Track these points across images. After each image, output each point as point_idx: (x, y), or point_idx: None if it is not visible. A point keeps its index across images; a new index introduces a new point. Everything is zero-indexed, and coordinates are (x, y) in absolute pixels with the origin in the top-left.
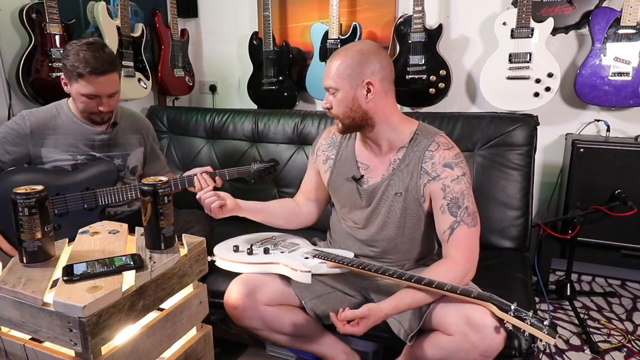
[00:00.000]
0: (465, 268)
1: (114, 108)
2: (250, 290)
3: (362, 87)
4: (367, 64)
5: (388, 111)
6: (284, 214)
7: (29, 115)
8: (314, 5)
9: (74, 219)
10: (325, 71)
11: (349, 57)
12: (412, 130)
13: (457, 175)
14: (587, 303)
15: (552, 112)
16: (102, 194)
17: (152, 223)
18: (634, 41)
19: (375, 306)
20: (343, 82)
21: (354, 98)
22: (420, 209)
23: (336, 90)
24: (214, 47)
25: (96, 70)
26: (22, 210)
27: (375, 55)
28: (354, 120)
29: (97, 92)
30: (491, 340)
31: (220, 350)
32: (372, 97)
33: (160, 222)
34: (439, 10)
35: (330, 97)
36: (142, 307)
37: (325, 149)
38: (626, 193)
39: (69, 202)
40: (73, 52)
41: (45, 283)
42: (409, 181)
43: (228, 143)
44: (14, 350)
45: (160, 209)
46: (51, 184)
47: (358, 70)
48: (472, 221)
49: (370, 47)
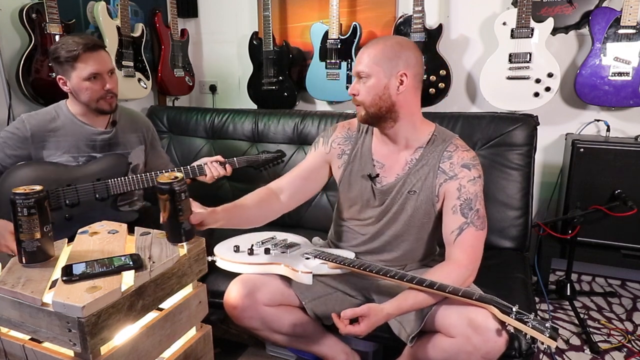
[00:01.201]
0: (468, 270)
1: (117, 91)
2: (250, 290)
3: (396, 77)
4: (405, 56)
5: (413, 109)
6: (258, 204)
7: (28, 118)
8: (314, 5)
9: (85, 210)
10: (359, 58)
11: (387, 46)
12: (430, 132)
13: (474, 177)
14: (587, 303)
15: (552, 112)
16: (114, 183)
17: (172, 220)
18: (634, 41)
19: (376, 305)
20: (378, 69)
21: (386, 87)
22: (432, 209)
23: (368, 76)
24: (214, 47)
25: (88, 45)
26: (21, 210)
27: (412, 50)
28: (380, 110)
29: (97, 69)
30: (494, 343)
31: (220, 350)
32: (404, 89)
33: (180, 217)
34: (439, 10)
35: (358, 84)
36: (142, 307)
37: (341, 143)
38: (626, 193)
39: (80, 193)
40: (60, 44)
41: (44, 283)
42: (425, 180)
43: (228, 143)
44: (14, 350)
45: (178, 205)
46: (62, 177)
47: (395, 60)
48: (481, 224)
49: (408, 41)
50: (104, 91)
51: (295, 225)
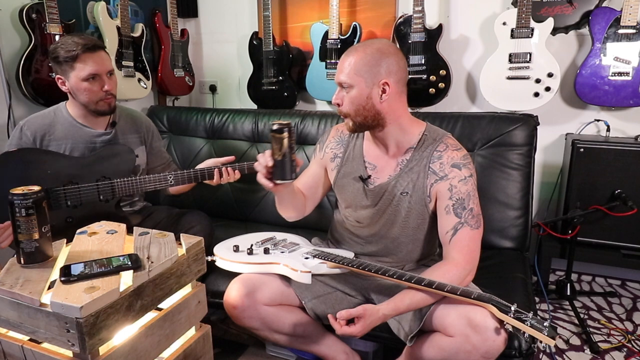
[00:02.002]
0: (465, 270)
1: (116, 92)
2: (250, 290)
3: (378, 86)
4: (386, 64)
5: (400, 113)
6: (300, 202)
7: (27, 124)
8: (314, 5)
9: (87, 212)
10: (340, 66)
11: (367, 54)
12: (420, 132)
13: (465, 176)
14: (587, 303)
15: (552, 112)
16: (120, 185)
17: (287, 156)
18: (633, 41)
19: (372, 306)
20: (359, 80)
21: (369, 97)
22: (426, 210)
23: (350, 87)
24: (214, 47)
25: (88, 46)
26: (19, 210)
27: (394, 56)
28: (365, 119)
29: (95, 69)
30: (492, 342)
31: (220, 350)
32: (387, 97)
33: (293, 154)
34: (439, 10)
35: (342, 93)
36: (140, 307)
37: (333, 147)
38: (626, 193)
39: (82, 193)
40: (59, 44)
41: (42, 284)
42: (416, 181)
43: (228, 143)
44: (12, 351)
45: (292, 143)
46: (61, 172)
47: (376, 69)
48: (476, 223)
49: (389, 46)
50: (102, 92)
51: (295, 225)
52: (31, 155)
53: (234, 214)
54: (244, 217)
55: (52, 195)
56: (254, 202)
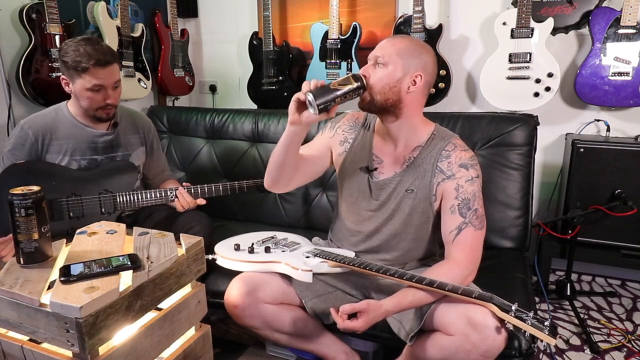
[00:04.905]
0: (467, 269)
1: (118, 102)
2: (251, 289)
3: (411, 75)
4: (425, 60)
5: (416, 111)
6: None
7: (28, 123)
8: (314, 5)
9: (88, 222)
10: (382, 44)
11: (413, 43)
12: (429, 132)
13: (472, 177)
14: (587, 303)
15: (552, 112)
16: (123, 200)
17: (338, 92)
18: (633, 41)
19: (375, 302)
20: (397, 61)
21: (399, 81)
22: (430, 208)
23: (386, 64)
24: (214, 47)
25: (100, 61)
26: (18, 211)
27: (433, 58)
28: (386, 101)
29: (102, 83)
30: (492, 341)
31: (220, 350)
32: (414, 90)
33: (339, 100)
34: (439, 10)
35: (372, 68)
36: (140, 307)
37: (345, 130)
38: (626, 193)
39: (85, 205)
40: (72, 48)
41: (42, 284)
42: (422, 179)
43: (228, 143)
44: (12, 351)
45: (351, 94)
46: (65, 185)
47: (416, 60)
48: (480, 224)
49: (431, 49)
50: (104, 103)
51: (295, 225)
52: (38, 167)
53: (234, 214)
54: (244, 217)
55: (55, 206)
56: (254, 202)
